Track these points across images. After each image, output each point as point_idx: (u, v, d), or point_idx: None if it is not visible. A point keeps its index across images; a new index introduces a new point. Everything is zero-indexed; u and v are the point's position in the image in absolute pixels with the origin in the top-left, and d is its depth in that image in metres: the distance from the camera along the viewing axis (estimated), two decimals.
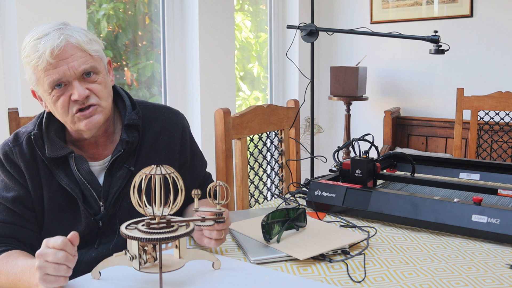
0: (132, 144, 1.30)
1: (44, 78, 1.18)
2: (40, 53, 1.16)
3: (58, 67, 1.17)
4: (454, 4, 3.49)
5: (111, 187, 1.28)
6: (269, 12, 3.79)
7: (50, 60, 1.16)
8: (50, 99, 1.21)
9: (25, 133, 1.28)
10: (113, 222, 1.29)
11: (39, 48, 1.16)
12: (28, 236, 1.24)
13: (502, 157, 2.59)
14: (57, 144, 1.25)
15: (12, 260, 1.14)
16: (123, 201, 1.29)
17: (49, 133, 1.26)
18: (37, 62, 1.17)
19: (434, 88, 3.66)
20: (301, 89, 3.76)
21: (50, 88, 1.19)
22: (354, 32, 2.33)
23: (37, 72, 1.19)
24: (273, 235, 1.21)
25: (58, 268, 0.96)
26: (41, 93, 1.23)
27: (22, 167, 1.24)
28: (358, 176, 1.53)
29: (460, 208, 1.28)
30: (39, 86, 1.21)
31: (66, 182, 1.24)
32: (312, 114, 2.62)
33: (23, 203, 1.24)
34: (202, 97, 3.02)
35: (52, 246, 0.97)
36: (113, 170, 1.29)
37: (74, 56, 1.19)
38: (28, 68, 1.21)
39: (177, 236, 0.98)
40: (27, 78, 1.24)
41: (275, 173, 2.07)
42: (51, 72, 1.17)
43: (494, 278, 1.06)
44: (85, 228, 1.26)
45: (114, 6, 2.75)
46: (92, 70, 1.22)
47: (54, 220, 1.26)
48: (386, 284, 1.04)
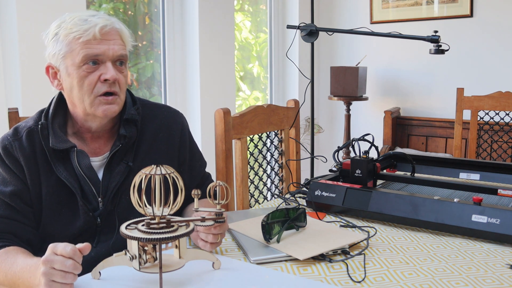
0: (130, 139, 1.30)
1: (81, 50, 1.21)
2: (88, 26, 1.21)
3: (101, 44, 1.22)
4: (454, 4, 3.49)
5: (109, 182, 1.28)
6: (269, 12, 3.79)
7: (97, 35, 1.21)
8: (77, 74, 1.22)
9: (25, 127, 1.28)
10: (112, 219, 1.29)
11: (88, 22, 1.21)
12: (25, 232, 1.24)
13: (502, 157, 2.59)
14: (61, 137, 1.26)
15: (11, 257, 1.14)
16: (122, 198, 1.29)
17: (54, 126, 1.27)
18: (82, 34, 1.20)
19: (434, 88, 3.66)
20: (301, 89, 3.76)
21: (83, 62, 1.21)
22: (354, 32, 2.33)
23: (74, 44, 1.21)
24: (273, 235, 1.21)
25: (65, 276, 0.96)
26: (66, 66, 1.23)
27: (22, 162, 1.24)
28: (358, 176, 1.53)
29: (460, 208, 1.28)
30: (68, 58, 1.22)
31: (66, 176, 1.24)
32: (312, 114, 2.62)
33: (21, 198, 1.24)
34: (202, 97, 3.02)
35: (60, 254, 0.96)
36: (111, 165, 1.30)
37: (116, 41, 1.25)
38: (61, 39, 1.22)
39: (177, 236, 0.98)
40: (50, 51, 1.25)
41: (275, 173, 2.07)
42: (93, 46, 1.21)
43: (494, 278, 1.06)
44: (84, 224, 1.26)
45: (114, 6, 2.75)
46: (124, 60, 1.28)
47: (52, 216, 1.25)
48: (386, 284, 1.04)
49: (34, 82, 2.14)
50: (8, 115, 1.55)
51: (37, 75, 2.11)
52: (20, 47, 2.10)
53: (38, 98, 2.10)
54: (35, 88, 2.14)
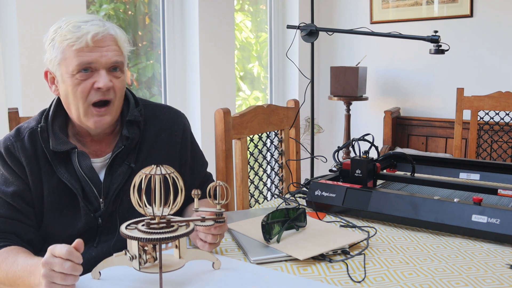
0: (132, 140, 1.30)
1: (74, 58, 1.20)
2: (81, 33, 1.19)
3: (93, 52, 1.21)
4: (454, 4, 3.49)
5: (111, 183, 1.28)
6: (269, 12, 3.79)
7: (89, 43, 1.20)
8: (71, 82, 1.22)
9: (27, 128, 1.28)
10: (113, 219, 1.29)
11: (81, 30, 1.20)
12: (27, 232, 1.24)
13: (502, 157, 2.59)
14: (61, 139, 1.26)
15: (12, 256, 1.14)
16: (123, 199, 1.29)
17: (54, 128, 1.27)
18: (74, 42, 1.19)
19: (434, 88, 3.66)
20: (301, 89, 3.76)
21: (76, 70, 1.21)
22: (354, 32, 2.33)
23: (68, 51, 1.20)
24: (273, 235, 1.21)
25: (65, 278, 0.96)
26: (61, 73, 1.23)
27: (24, 162, 1.24)
28: (358, 176, 1.53)
29: (460, 208, 1.28)
30: (63, 66, 1.22)
31: (67, 178, 1.25)
32: (312, 114, 2.62)
33: (22, 198, 1.24)
34: (202, 97, 3.02)
35: (58, 255, 0.96)
36: (113, 166, 1.30)
37: (110, 47, 1.23)
38: (57, 46, 1.22)
39: (177, 236, 0.98)
40: (47, 57, 1.25)
41: (275, 173, 2.07)
42: (85, 54, 1.20)
43: (494, 278, 1.06)
44: (85, 225, 1.26)
45: (114, 6, 2.75)
46: (120, 66, 1.26)
47: (53, 217, 1.25)
48: (386, 284, 1.04)
49: (34, 82, 2.14)
50: (8, 115, 1.55)
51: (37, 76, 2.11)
52: (20, 48, 2.10)
53: (38, 98, 2.10)
54: (35, 88, 2.14)
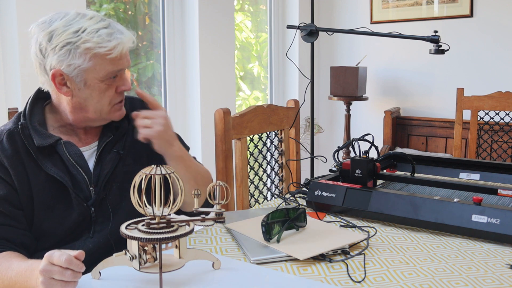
0: (122, 129, 1.37)
1: (107, 66, 1.25)
2: (117, 43, 1.24)
3: (122, 59, 1.28)
4: (454, 4, 3.49)
5: (101, 170, 1.31)
6: (269, 12, 3.79)
7: (122, 53, 1.27)
8: (98, 87, 1.27)
9: (4, 130, 1.28)
10: (104, 207, 1.30)
11: (116, 39, 1.25)
12: (18, 235, 1.23)
13: (502, 157, 2.59)
14: (44, 134, 1.27)
15: (5, 262, 1.13)
16: (113, 185, 1.32)
17: (34, 124, 1.28)
18: (110, 51, 1.24)
19: (434, 88, 3.66)
20: (301, 89, 3.76)
21: (107, 76, 1.27)
22: (354, 32, 2.33)
23: (100, 59, 1.24)
24: (273, 235, 1.21)
25: (66, 285, 0.96)
26: (86, 79, 1.25)
27: (6, 164, 1.23)
28: (358, 176, 1.53)
29: (460, 208, 1.28)
30: (91, 72, 1.24)
31: (54, 171, 1.25)
32: (312, 114, 2.62)
33: (9, 202, 1.23)
34: (202, 97, 3.02)
35: (57, 264, 0.96)
36: (102, 154, 1.33)
37: (128, 54, 1.33)
38: (84, 52, 1.22)
39: (177, 236, 0.98)
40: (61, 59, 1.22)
41: (275, 173, 2.07)
42: (118, 62, 1.27)
43: (494, 278, 1.06)
44: (78, 215, 1.27)
45: (114, 6, 2.75)
46: None
47: (46, 213, 1.25)
48: (386, 284, 1.04)
49: (34, 82, 2.13)
50: (8, 115, 1.55)
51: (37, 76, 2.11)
52: (20, 48, 2.10)
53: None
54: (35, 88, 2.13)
